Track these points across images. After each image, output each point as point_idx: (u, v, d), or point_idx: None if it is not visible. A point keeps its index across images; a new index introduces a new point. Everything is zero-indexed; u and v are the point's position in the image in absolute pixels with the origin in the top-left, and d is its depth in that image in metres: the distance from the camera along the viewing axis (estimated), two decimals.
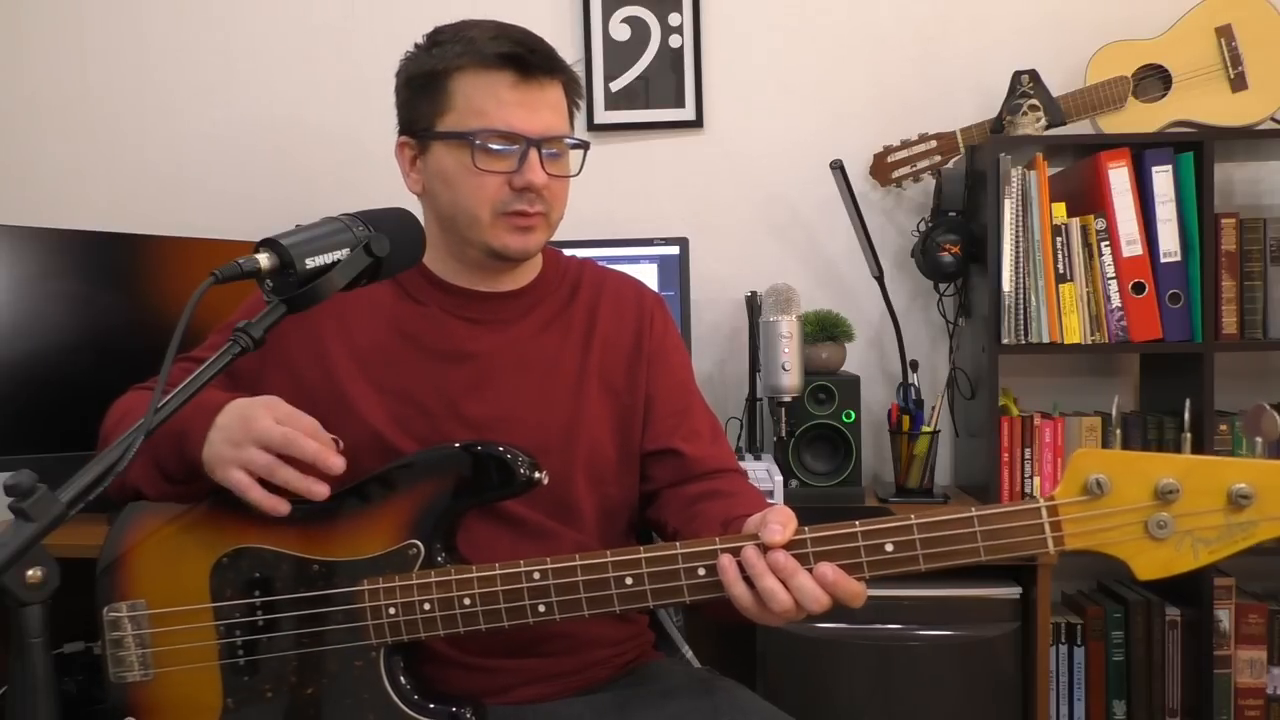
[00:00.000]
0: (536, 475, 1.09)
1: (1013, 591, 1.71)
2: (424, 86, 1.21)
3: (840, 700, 1.72)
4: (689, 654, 1.40)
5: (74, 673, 1.97)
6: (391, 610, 1.07)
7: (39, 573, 0.78)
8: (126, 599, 1.17)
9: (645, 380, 1.28)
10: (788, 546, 0.96)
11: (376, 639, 1.08)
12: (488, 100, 1.17)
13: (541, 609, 1.04)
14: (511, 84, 1.17)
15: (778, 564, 0.95)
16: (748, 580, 0.97)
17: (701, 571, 0.99)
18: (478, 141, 1.17)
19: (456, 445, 1.12)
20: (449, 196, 1.22)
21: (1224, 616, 2.01)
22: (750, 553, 0.96)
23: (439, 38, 1.22)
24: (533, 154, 1.18)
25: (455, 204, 1.21)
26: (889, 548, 0.95)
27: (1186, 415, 1.96)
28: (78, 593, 1.17)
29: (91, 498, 0.82)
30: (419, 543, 1.09)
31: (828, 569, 0.95)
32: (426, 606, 1.06)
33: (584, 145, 1.25)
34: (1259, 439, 0.91)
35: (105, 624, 1.18)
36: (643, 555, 1.01)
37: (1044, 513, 0.92)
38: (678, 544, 1.01)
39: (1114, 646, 2.03)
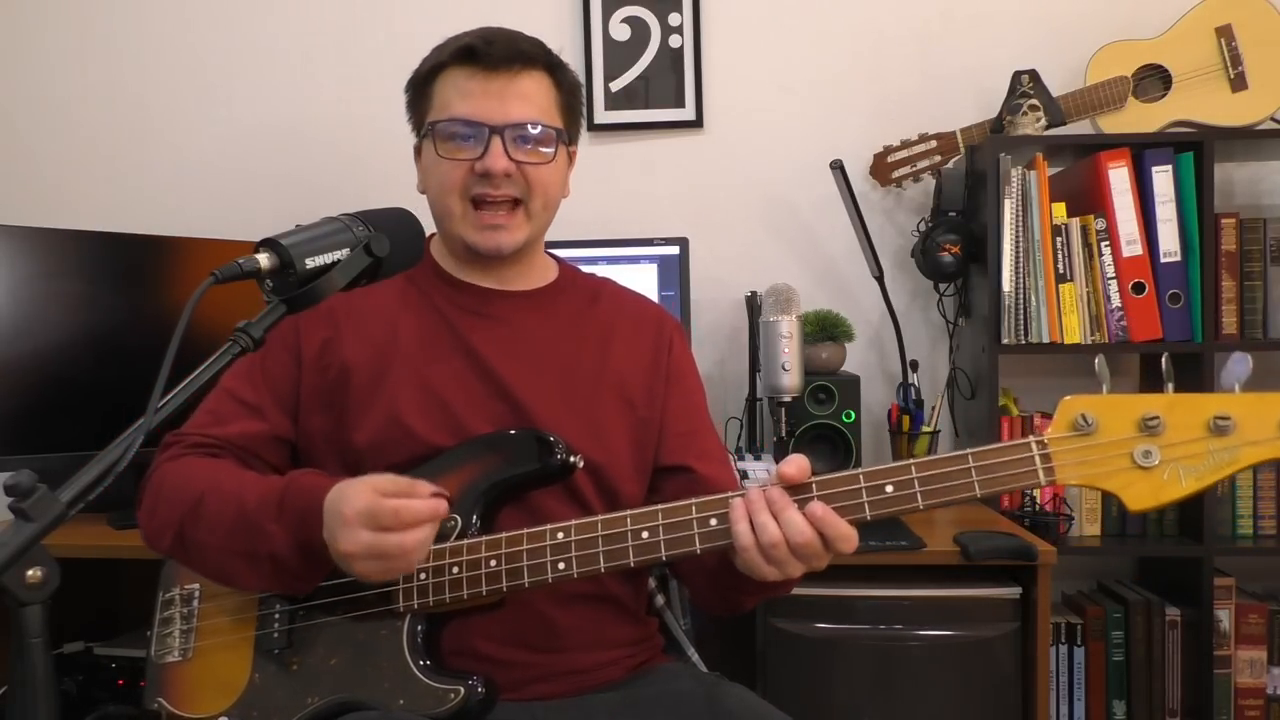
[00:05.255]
0: (572, 459, 1.16)
1: (1013, 591, 1.70)
2: (415, 92, 1.29)
3: (840, 700, 1.72)
4: (695, 656, 1.40)
5: (74, 673, 1.97)
6: (422, 575, 1.12)
7: (39, 573, 0.78)
8: (185, 584, 1.24)
9: (663, 398, 1.32)
10: (795, 490, 1.01)
11: (404, 603, 1.12)
12: (452, 93, 1.23)
13: (561, 566, 1.08)
14: (470, 75, 1.22)
15: (771, 498, 1.00)
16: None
17: (713, 521, 1.04)
18: (438, 128, 1.23)
19: (510, 431, 1.20)
20: (431, 189, 1.28)
21: (1224, 616, 2.01)
22: (754, 492, 1.02)
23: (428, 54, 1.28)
24: (495, 141, 1.21)
25: (434, 196, 1.27)
26: (889, 489, 0.99)
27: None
28: (78, 593, 1.18)
29: (91, 498, 0.82)
30: (457, 516, 1.14)
31: (817, 506, 1.00)
32: (455, 569, 1.11)
33: (554, 130, 1.25)
34: (1236, 384, 0.93)
35: (160, 604, 1.26)
36: (660, 508, 1.07)
37: (1034, 447, 0.96)
38: (693, 500, 1.06)
39: (1114, 646, 2.03)
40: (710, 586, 1.22)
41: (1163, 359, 0.97)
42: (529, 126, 1.23)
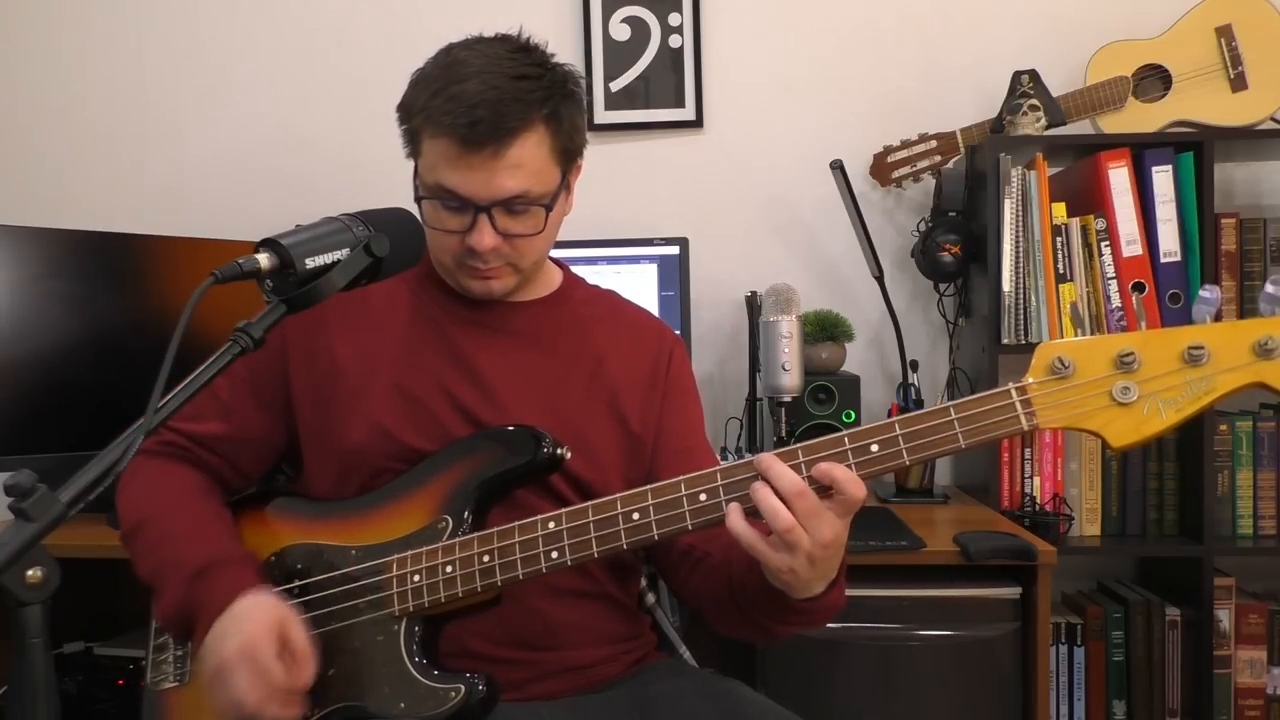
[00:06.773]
0: (559, 451, 1.14)
1: (1013, 591, 1.70)
2: (405, 126, 1.22)
3: (840, 700, 1.72)
4: (686, 654, 1.40)
5: (74, 673, 1.97)
6: (415, 577, 1.11)
7: (39, 573, 0.78)
8: None
9: (658, 415, 1.30)
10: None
11: (399, 606, 1.11)
12: (439, 162, 1.16)
13: (554, 554, 1.07)
14: (459, 152, 1.14)
15: (761, 463, 0.97)
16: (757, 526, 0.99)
17: (703, 497, 1.03)
18: (425, 193, 1.19)
19: (494, 428, 1.18)
20: (427, 232, 1.21)
21: (1224, 616, 2.01)
22: (758, 486, 0.98)
23: (420, 78, 1.20)
24: (481, 219, 1.16)
25: (428, 241, 1.20)
26: (874, 448, 0.99)
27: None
28: (78, 593, 1.18)
29: (91, 498, 0.82)
30: (448, 517, 1.13)
31: (823, 464, 0.97)
32: (449, 569, 1.10)
33: (544, 205, 1.20)
34: (1207, 317, 0.93)
35: (154, 630, 1.24)
36: (649, 489, 1.06)
37: (1014, 394, 0.96)
38: (681, 478, 1.04)
39: (1114, 646, 2.03)
40: (738, 615, 1.16)
41: (1133, 299, 0.97)
42: (516, 202, 1.17)
